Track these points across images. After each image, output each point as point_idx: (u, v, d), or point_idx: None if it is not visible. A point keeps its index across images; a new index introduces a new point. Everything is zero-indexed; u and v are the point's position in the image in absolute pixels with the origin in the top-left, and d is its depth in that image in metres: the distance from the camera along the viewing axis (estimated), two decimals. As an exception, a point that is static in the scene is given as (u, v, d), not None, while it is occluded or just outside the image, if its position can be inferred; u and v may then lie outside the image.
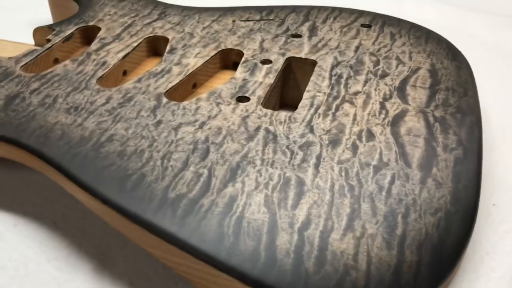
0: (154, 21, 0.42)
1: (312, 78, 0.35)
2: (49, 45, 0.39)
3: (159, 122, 0.31)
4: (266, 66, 0.36)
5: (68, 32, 0.41)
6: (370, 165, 0.28)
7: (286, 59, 0.37)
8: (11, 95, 0.33)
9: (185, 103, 0.32)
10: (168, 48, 0.39)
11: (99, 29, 0.41)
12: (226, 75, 0.39)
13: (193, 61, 0.37)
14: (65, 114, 0.31)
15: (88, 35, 0.42)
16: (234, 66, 0.39)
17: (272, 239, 0.24)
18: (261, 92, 0.34)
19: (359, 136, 0.30)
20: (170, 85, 0.34)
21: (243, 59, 0.37)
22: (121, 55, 0.38)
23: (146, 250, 0.25)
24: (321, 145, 0.29)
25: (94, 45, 0.39)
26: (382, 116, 0.32)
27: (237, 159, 0.28)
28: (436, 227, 0.26)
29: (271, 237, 0.24)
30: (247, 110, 0.32)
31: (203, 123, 0.31)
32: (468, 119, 0.32)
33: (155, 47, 0.41)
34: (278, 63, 0.37)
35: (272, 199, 0.26)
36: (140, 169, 0.27)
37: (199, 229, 0.24)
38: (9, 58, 0.37)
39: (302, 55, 0.38)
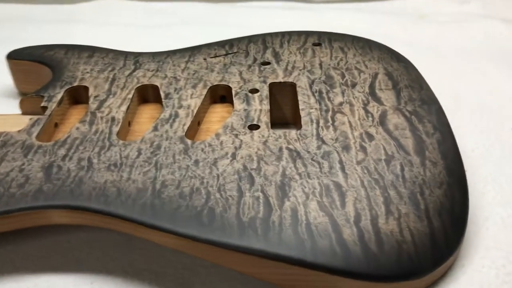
0: (134, 71, 0.45)
1: (300, 97, 0.41)
2: (48, 111, 0.40)
3: (196, 162, 0.35)
4: (256, 95, 0.42)
5: (59, 96, 0.42)
6: (382, 160, 0.35)
7: (269, 85, 0.43)
8: (46, 166, 0.35)
9: (208, 140, 0.37)
10: (162, 94, 0.42)
11: (84, 87, 0.44)
12: (217, 109, 0.44)
13: (193, 102, 0.41)
14: (108, 172, 0.34)
15: (74, 94, 0.44)
16: (221, 100, 0.44)
17: (339, 235, 0.30)
18: (265, 117, 0.39)
19: (362, 139, 0.37)
20: (185, 127, 0.38)
21: (233, 92, 0.42)
22: (123, 108, 0.41)
23: (238, 271, 0.30)
24: (337, 152, 0.35)
25: (92, 104, 0.41)
26: (370, 119, 0.39)
27: (279, 178, 0.33)
28: (445, 197, 0.33)
29: (338, 233, 0.30)
30: (263, 136, 0.37)
31: (234, 154, 0.35)
32: (433, 107, 0.40)
33: (144, 94, 0.44)
34: (264, 90, 0.42)
35: (324, 203, 0.32)
36: (206, 204, 0.31)
37: (281, 240, 0.29)
38: (18, 131, 0.38)
39: (280, 79, 0.44)
